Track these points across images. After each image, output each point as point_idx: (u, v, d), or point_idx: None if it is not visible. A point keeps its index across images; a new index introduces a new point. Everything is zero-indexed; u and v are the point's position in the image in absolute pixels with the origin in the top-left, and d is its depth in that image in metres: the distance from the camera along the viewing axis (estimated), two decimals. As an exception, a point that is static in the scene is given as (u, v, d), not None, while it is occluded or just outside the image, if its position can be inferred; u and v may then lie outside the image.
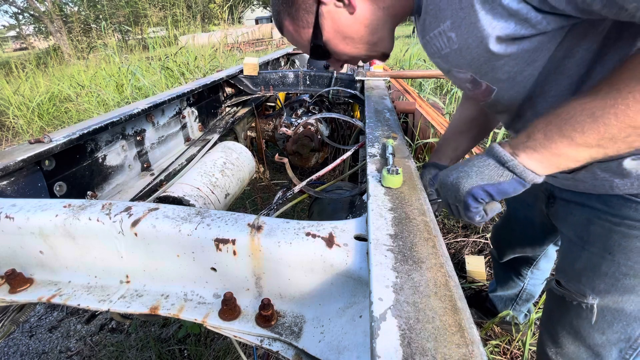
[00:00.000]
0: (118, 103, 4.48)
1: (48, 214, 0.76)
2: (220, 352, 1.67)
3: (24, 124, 5.16)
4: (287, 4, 0.73)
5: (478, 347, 0.41)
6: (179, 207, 0.75)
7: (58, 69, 7.49)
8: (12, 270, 0.80)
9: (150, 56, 6.10)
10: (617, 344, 0.79)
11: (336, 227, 0.68)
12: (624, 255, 0.71)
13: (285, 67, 3.87)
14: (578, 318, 0.84)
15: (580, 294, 0.80)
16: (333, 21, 0.71)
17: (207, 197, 1.35)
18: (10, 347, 1.86)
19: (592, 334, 0.82)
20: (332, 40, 0.74)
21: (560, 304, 0.88)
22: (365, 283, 0.60)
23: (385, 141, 0.98)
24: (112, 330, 1.90)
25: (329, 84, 2.19)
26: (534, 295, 1.51)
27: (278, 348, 0.64)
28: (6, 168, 0.95)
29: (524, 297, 1.52)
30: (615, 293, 0.75)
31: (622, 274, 0.72)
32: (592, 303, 0.78)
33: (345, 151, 1.31)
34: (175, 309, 0.71)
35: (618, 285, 0.74)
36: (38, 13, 15.22)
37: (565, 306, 0.86)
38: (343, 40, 0.74)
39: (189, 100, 1.86)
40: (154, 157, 1.61)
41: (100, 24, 9.34)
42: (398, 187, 0.78)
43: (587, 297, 0.79)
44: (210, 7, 17.45)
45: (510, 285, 1.52)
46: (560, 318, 0.89)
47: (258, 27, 18.21)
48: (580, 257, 0.80)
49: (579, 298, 0.81)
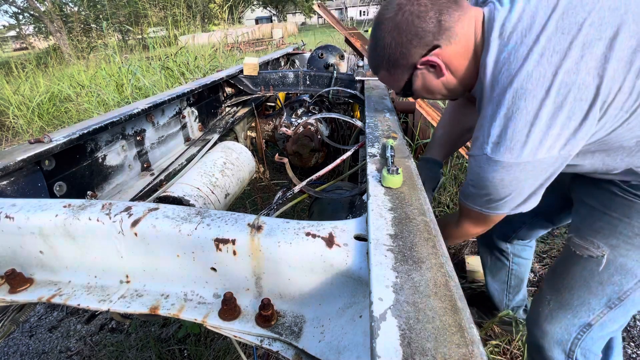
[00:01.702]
0: (118, 103, 4.48)
1: (48, 214, 0.76)
2: (220, 352, 1.67)
3: (24, 124, 5.16)
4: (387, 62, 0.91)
5: (478, 347, 0.41)
6: (179, 207, 0.75)
7: (58, 69, 7.48)
8: (12, 270, 0.80)
9: (150, 56, 6.10)
10: (608, 294, 0.94)
11: (336, 227, 0.68)
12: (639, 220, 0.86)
13: (285, 67, 3.87)
14: (583, 270, 0.98)
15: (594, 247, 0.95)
16: (423, 80, 0.92)
17: (207, 197, 1.35)
18: (10, 347, 1.86)
19: (590, 283, 0.96)
20: (419, 91, 0.96)
21: (569, 258, 1.02)
22: (365, 283, 0.60)
23: (385, 141, 0.98)
24: (112, 330, 1.90)
25: (329, 84, 2.19)
26: (521, 279, 1.54)
27: (278, 348, 0.64)
28: (6, 168, 0.95)
29: (513, 282, 1.55)
30: (624, 248, 0.90)
31: (635, 234, 0.88)
32: (604, 255, 0.93)
33: (345, 151, 1.31)
34: (175, 309, 0.71)
35: (629, 241, 0.89)
36: (38, 13, 15.21)
37: (573, 260, 1.00)
38: (427, 92, 0.96)
39: (189, 100, 1.86)
40: (154, 157, 1.61)
41: (100, 24, 9.35)
42: (398, 187, 0.78)
43: (600, 249, 0.93)
44: (210, 7, 17.45)
45: (497, 267, 1.56)
46: (566, 270, 1.03)
47: (258, 27, 18.22)
48: (601, 220, 0.94)
49: (591, 251, 0.95)
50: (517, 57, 0.73)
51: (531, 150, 0.73)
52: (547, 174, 0.78)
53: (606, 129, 0.75)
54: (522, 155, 0.73)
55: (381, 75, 0.98)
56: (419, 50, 0.85)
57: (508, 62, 0.74)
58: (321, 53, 2.97)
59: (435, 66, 0.87)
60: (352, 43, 2.79)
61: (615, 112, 0.72)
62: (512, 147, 0.74)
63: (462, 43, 0.83)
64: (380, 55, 0.91)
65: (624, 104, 0.71)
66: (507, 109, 0.73)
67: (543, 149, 0.72)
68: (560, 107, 0.69)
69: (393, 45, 0.86)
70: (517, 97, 0.72)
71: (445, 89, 0.93)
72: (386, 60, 0.91)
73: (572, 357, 1.03)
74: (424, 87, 0.94)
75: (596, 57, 0.68)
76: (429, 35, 0.82)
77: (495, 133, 0.75)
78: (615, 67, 0.68)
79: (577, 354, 1.02)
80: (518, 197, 0.83)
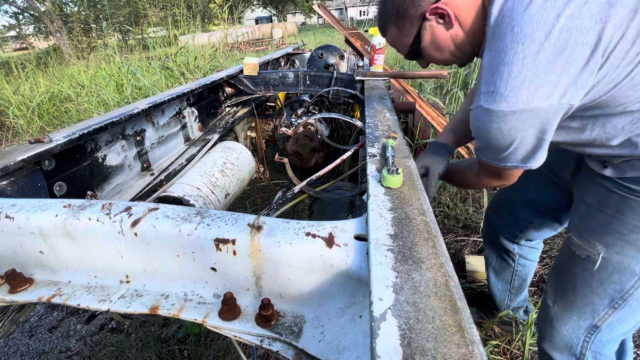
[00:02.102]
0: (118, 103, 4.48)
1: (48, 214, 0.76)
2: (220, 352, 1.67)
3: (24, 124, 5.16)
4: (396, 15, 0.91)
5: (478, 347, 0.41)
6: (179, 207, 0.75)
7: (58, 69, 7.48)
8: (12, 270, 0.80)
9: (150, 56, 6.10)
10: (610, 294, 0.93)
11: (336, 227, 0.68)
12: (632, 216, 0.86)
13: (285, 67, 3.87)
14: (584, 270, 0.97)
15: (591, 247, 0.94)
16: (432, 34, 0.91)
17: (207, 197, 1.35)
18: (10, 347, 1.86)
19: (592, 283, 0.96)
20: (427, 48, 0.94)
21: (569, 258, 1.01)
22: (365, 283, 0.60)
23: (385, 141, 0.98)
24: (112, 330, 1.90)
25: (329, 84, 2.19)
26: (525, 280, 1.52)
27: (278, 348, 0.64)
28: (6, 168, 0.95)
29: (516, 283, 1.53)
30: (619, 245, 0.89)
31: (629, 230, 0.87)
32: (600, 254, 0.92)
33: (345, 151, 1.31)
34: (175, 309, 0.71)
35: (623, 238, 0.88)
36: (38, 13, 15.22)
37: (573, 260, 0.99)
38: (436, 49, 0.94)
39: (189, 100, 1.86)
40: (154, 157, 1.61)
41: (100, 24, 9.34)
42: (398, 187, 0.78)
43: (596, 248, 0.93)
44: (210, 7, 17.44)
45: (502, 267, 1.54)
46: (567, 270, 1.03)
47: (258, 27, 18.22)
48: (597, 218, 0.94)
49: (588, 251, 0.95)
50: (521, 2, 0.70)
51: (527, 97, 0.70)
52: (548, 124, 0.74)
53: (607, 82, 0.72)
54: (518, 102, 0.71)
55: (390, 33, 0.97)
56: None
57: (511, 9, 0.71)
58: (321, 53, 2.97)
59: (444, 15, 0.86)
60: (352, 43, 2.80)
61: (617, 61, 0.69)
62: (506, 94, 0.71)
63: None
64: (390, 7, 0.91)
65: (627, 54, 0.69)
66: (504, 54, 0.70)
67: (541, 96, 0.69)
68: (560, 52, 0.67)
69: None
70: (515, 42, 0.69)
71: (454, 44, 0.91)
72: (396, 11, 0.90)
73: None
74: (433, 43, 0.92)
75: (600, 2, 0.66)
76: None
77: (490, 81, 0.73)
78: (619, 13, 0.65)
79: (588, 357, 1.01)
80: (522, 148, 0.80)
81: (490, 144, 0.83)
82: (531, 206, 1.34)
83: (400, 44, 0.98)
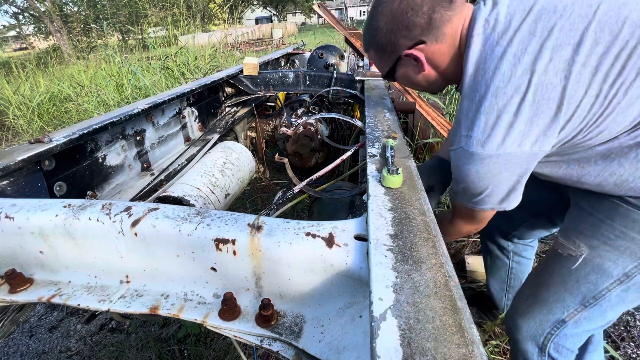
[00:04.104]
0: (118, 103, 4.48)
1: (48, 214, 0.76)
2: (220, 352, 1.67)
3: (24, 124, 5.16)
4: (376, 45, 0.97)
5: (478, 347, 0.41)
6: (179, 207, 0.75)
7: (58, 69, 7.48)
8: (12, 270, 0.80)
9: (150, 56, 6.11)
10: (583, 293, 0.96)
11: (336, 227, 0.68)
12: (622, 223, 0.87)
13: (285, 67, 3.87)
14: (562, 267, 0.99)
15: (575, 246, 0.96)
16: (405, 70, 0.98)
17: (207, 197, 1.35)
18: (10, 347, 1.86)
19: (567, 280, 0.98)
20: (401, 79, 1.03)
21: (552, 257, 1.04)
22: (365, 283, 0.60)
23: (385, 141, 0.99)
24: (112, 330, 1.90)
25: (329, 84, 2.19)
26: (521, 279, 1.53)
27: (278, 348, 0.64)
28: (6, 168, 0.95)
29: (512, 282, 1.55)
30: (603, 249, 0.91)
31: (615, 236, 0.88)
32: (582, 254, 0.94)
33: (345, 151, 1.31)
34: (175, 309, 0.71)
35: (609, 243, 0.90)
36: (38, 13, 15.21)
37: (555, 258, 1.02)
38: (408, 82, 1.03)
39: (189, 100, 1.86)
40: (154, 157, 1.61)
41: (100, 24, 9.35)
42: (398, 187, 0.78)
43: (580, 248, 0.95)
44: (210, 7, 17.45)
45: (497, 265, 1.56)
46: (546, 268, 1.05)
47: (258, 27, 18.23)
48: (586, 221, 0.96)
49: (571, 250, 0.97)
50: (492, 57, 0.78)
51: (500, 143, 0.77)
52: (521, 169, 0.81)
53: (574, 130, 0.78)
54: (492, 147, 0.77)
55: (370, 55, 1.03)
56: (405, 42, 0.90)
57: (485, 61, 0.79)
58: (321, 53, 2.97)
59: (418, 60, 0.92)
60: (352, 43, 2.79)
61: (584, 113, 0.75)
62: (483, 140, 0.78)
63: (447, 42, 0.88)
64: (372, 36, 0.96)
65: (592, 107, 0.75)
66: (480, 104, 0.78)
67: (513, 143, 0.76)
68: (529, 105, 0.74)
69: (384, 30, 0.91)
70: (490, 94, 0.76)
71: (426, 81, 0.99)
72: (376, 43, 0.96)
73: (544, 351, 1.05)
74: (405, 77, 1.01)
75: (564, 60, 0.72)
76: (417, 29, 0.87)
77: (470, 127, 0.80)
78: (580, 70, 0.72)
79: (550, 348, 1.05)
80: (497, 191, 0.86)
81: (468, 186, 0.88)
82: (526, 205, 1.34)
83: (378, 66, 1.05)
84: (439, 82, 0.98)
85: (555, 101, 0.73)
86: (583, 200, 1.00)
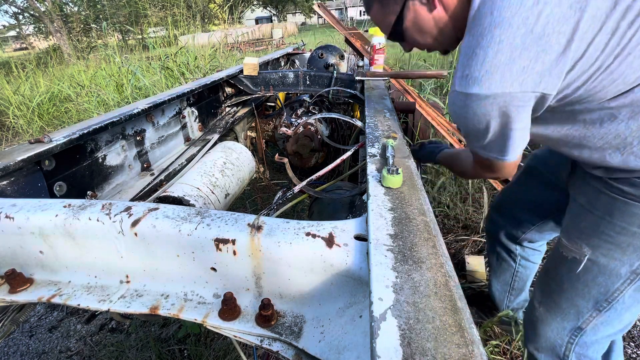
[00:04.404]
0: (118, 103, 4.48)
1: (48, 214, 0.76)
2: (220, 352, 1.67)
3: (24, 124, 5.16)
4: None
5: (478, 347, 0.41)
6: (179, 207, 0.75)
7: (58, 69, 7.48)
8: (12, 270, 0.80)
9: (150, 56, 6.10)
10: (595, 296, 0.92)
11: (336, 227, 0.68)
12: (621, 219, 0.84)
13: (285, 67, 3.87)
14: (569, 272, 0.96)
15: (577, 248, 0.93)
16: (414, 14, 0.87)
17: (207, 197, 1.35)
18: (10, 347, 1.86)
19: (577, 285, 0.94)
20: (410, 29, 0.91)
21: (557, 260, 1.00)
22: (365, 283, 0.60)
23: (385, 141, 0.98)
24: (112, 330, 1.90)
25: (329, 84, 2.19)
26: (525, 282, 1.52)
27: (278, 348, 0.64)
28: (6, 168, 0.95)
29: (516, 284, 1.53)
30: (605, 247, 0.87)
31: (616, 232, 0.85)
32: (586, 256, 0.91)
33: (345, 151, 1.31)
34: (175, 309, 0.71)
35: (610, 240, 0.86)
36: (38, 13, 15.20)
37: (561, 261, 0.98)
38: (418, 31, 0.91)
39: (189, 100, 1.86)
40: (154, 157, 1.61)
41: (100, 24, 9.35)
42: (398, 187, 0.78)
43: (582, 250, 0.92)
44: (210, 7, 17.45)
45: (503, 267, 1.54)
46: (554, 272, 1.02)
47: (258, 27, 18.22)
48: (586, 219, 0.92)
49: (575, 252, 0.94)
50: None
51: (501, 81, 0.68)
52: (524, 112, 0.73)
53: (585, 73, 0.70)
54: (491, 87, 0.69)
55: (374, 10, 0.94)
56: None
57: None
58: (321, 53, 2.97)
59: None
60: (352, 43, 2.79)
61: (597, 53, 0.68)
62: (480, 78, 0.70)
63: None
64: None
65: (606, 45, 0.67)
66: (481, 38, 0.69)
67: (515, 81, 0.68)
68: (537, 39, 0.66)
69: None
70: (493, 25, 0.68)
71: (437, 27, 0.88)
72: None
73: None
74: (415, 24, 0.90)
75: None
76: None
77: (466, 64, 0.72)
78: (598, 4, 0.65)
79: (572, 358, 1.00)
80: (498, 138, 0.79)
81: (469, 130, 0.82)
82: (532, 208, 1.34)
83: (383, 22, 0.94)
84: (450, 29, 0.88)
85: (566, 35, 0.65)
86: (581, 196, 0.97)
